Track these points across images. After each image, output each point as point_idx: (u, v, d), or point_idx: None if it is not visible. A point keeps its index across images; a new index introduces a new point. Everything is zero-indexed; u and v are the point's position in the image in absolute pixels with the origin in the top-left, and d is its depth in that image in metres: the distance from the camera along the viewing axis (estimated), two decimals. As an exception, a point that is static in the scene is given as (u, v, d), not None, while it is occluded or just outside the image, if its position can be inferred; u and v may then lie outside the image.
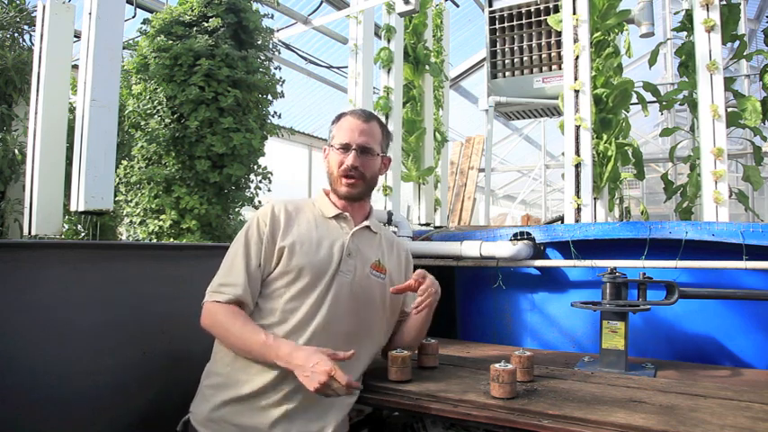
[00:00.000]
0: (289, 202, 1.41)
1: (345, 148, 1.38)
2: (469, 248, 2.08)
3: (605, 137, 2.41)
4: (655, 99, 2.91)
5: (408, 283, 1.38)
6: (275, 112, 2.67)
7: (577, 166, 2.23)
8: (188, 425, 1.28)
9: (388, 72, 3.18)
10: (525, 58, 3.59)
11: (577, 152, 2.23)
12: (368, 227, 1.44)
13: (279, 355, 1.19)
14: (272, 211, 1.37)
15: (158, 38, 2.39)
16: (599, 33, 2.47)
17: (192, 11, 2.49)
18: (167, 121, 2.40)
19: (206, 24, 2.44)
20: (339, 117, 1.45)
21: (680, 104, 2.82)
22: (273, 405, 1.22)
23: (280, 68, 2.84)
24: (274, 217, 1.35)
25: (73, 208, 1.97)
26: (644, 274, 1.61)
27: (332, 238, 1.37)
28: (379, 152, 1.42)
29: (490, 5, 3.72)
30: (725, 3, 2.42)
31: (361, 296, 1.36)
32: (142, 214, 2.41)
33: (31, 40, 2.84)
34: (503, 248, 1.98)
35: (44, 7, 2.38)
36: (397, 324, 1.52)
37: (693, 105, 2.56)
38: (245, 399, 1.23)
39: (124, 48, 2.58)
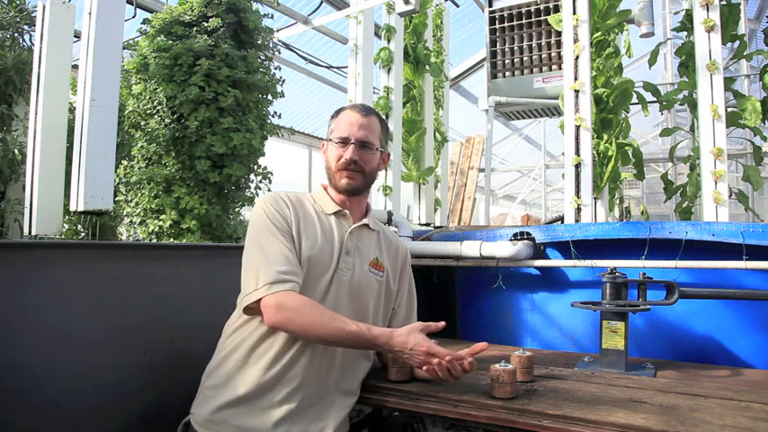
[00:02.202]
0: (289, 193, 1.39)
1: (344, 141, 1.37)
2: (469, 248, 2.08)
3: (605, 137, 2.41)
4: (655, 99, 2.91)
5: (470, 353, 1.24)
6: (275, 112, 2.67)
7: (577, 166, 2.23)
8: (189, 426, 1.28)
9: (388, 72, 3.18)
10: (525, 58, 3.59)
11: (577, 152, 2.23)
12: (366, 225, 1.44)
13: (377, 344, 1.21)
14: (281, 199, 1.34)
15: (158, 38, 2.39)
16: (599, 33, 2.47)
17: (192, 11, 2.49)
18: (167, 121, 2.40)
19: (206, 24, 2.44)
20: (338, 111, 1.44)
21: (680, 104, 2.83)
22: (274, 406, 1.22)
23: (280, 68, 2.84)
24: (288, 205, 1.34)
25: (73, 208, 1.97)
26: (644, 274, 1.61)
27: (331, 235, 1.36)
28: (378, 147, 1.41)
29: (490, 5, 3.72)
30: (725, 3, 2.42)
31: (360, 294, 1.36)
32: (142, 214, 2.41)
33: (31, 40, 2.84)
34: (503, 248, 1.98)
35: (44, 7, 2.38)
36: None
37: (693, 105, 2.56)
38: (246, 400, 1.22)
39: (124, 48, 2.58)
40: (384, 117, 3.04)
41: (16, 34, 2.80)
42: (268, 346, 1.25)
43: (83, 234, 3.01)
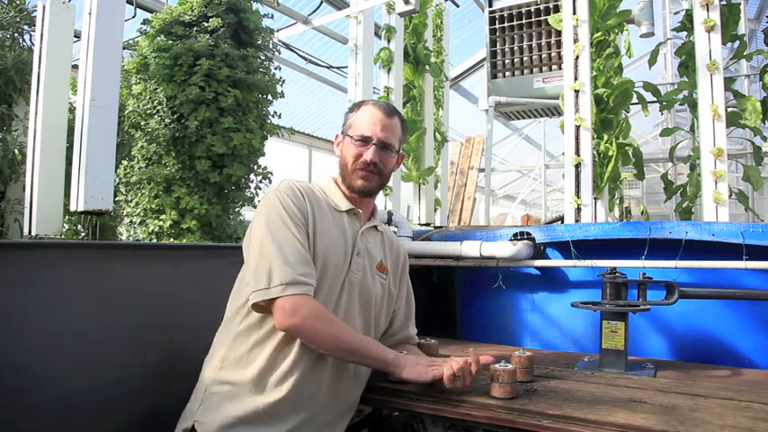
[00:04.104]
0: (301, 183, 1.30)
1: (365, 141, 1.30)
2: (469, 248, 2.08)
3: (605, 137, 2.41)
4: (655, 99, 2.91)
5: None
6: (275, 112, 2.67)
7: (577, 166, 2.23)
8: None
9: (388, 72, 3.18)
10: (525, 58, 3.59)
11: (577, 152, 2.23)
12: (375, 226, 1.41)
13: (388, 370, 1.23)
14: (298, 190, 1.26)
15: (158, 38, 2.39)
16: (599, 33, 2.47)
17: (192, 11, 2.49)
18: (167, 121, 2.40)
19: (206, 24, 2.44)
20: (360, 105, 1.36)
21: (680, 104, 2.83)
22: (289, 413, 1.19)
23: (280, 68, 2.84)
24: (303, 197, 1.26)
25: (73, 208, 1.97)
26: (644, 274, 1.61)
27: (344, 234, 1.31)
28: (398, 150, 1.36)
29: (490, 5, 3.72)
30: (725, 3, 2.42)
31: (368, 297, 1.34)
32: (142, 214, 2.41)
33: (31, 40, 2.85)
34: (503, 248, 1.98)
35: (44, 7, 2.38)
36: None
37: (693, 105, 2.57)
38: (261, 411, 1.18)
39: (124, 48, 2.58)
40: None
41: (16, 34, 2.80)
42: (283, 357, 1.20)
43: (83, 234, 3.01)
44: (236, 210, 2.53)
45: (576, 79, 2.27)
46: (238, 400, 1.19)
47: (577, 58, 2.28)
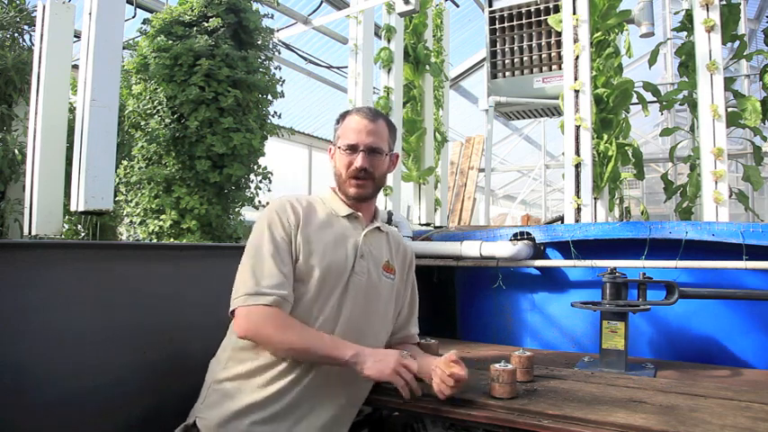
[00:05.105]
0: (300, 197, 1.37)
1: (353, 149, 1.34)
2: (469, 248, 2.08)
3: (605, 137, 2.41)
4: (655, 99, 2.91)
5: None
6: (275, 112, 2.67)
7: (577, 166, 2.23)
8: (192, 428, 1.24)
9: (388, 72, 3.18)
10: (525, 58, 3.59)
11: (577, 152, 2.23)
12: (378, 227, 1.43)
13: (347, 360, 1.20)
14: (290, 205, 1.32)
15: (158, 38, 2.39)
16: (599, 33, 2.47)
17: (192, 11, 2.49)
18: (167, 121, 2.40)
19: (206, 24, 2.44)
20: (344, 116, 1.42)
21: (680, 104, 2.83)
22: (287, 410, 1.20)
23: (280, 68, 2.84)
24: (294, 211, 1.31)
25: (73, 208, 1.97)
26: (644, 274, 1.61)
27: (346, 238, 1.34)
28: (387, 151, 1.39)
29: (490, 5, 3.72)
30: (725, 3, 2.42)
31: (374, 298, 1.35)
32: (142, 214, 2.41)
33: (31, 40, 2.85)
34: (503, 248, 1.98)
35: (44, 7, 2.38)
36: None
37: (693, 105, 2.56)
38: (260, 406, 1.19)
39: (124, 48, 2.58)
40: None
41: (16, 34, 2.80)
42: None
43: (83, 234, 3.01)
44: (236, 210, 2.53)
45: (576, 79, 2.27)
46: (239, 396, 1.21)
47: (577, 58, 2.28)
